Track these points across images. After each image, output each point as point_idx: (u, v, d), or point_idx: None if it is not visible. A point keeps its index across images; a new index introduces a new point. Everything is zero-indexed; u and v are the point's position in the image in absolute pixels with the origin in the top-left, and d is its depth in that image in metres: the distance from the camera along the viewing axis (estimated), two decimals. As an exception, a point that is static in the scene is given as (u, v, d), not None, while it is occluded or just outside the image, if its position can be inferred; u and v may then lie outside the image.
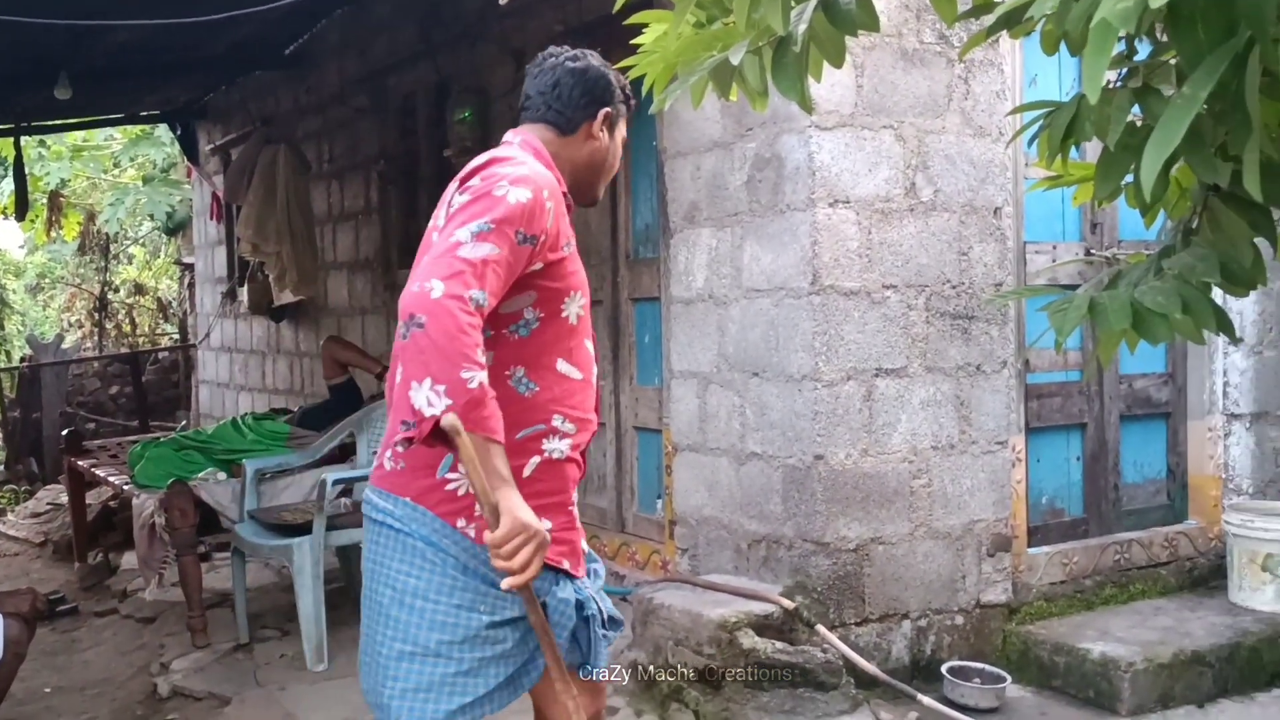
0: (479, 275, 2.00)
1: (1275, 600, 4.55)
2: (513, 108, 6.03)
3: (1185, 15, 1.00)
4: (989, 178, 4.37)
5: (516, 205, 2.10)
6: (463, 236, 2.03)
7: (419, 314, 1.94)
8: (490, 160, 2.23)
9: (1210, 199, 1.70)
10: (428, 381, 1.92)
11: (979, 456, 4.37)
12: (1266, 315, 5.10)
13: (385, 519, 2.23)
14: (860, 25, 1.64)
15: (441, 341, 1.92)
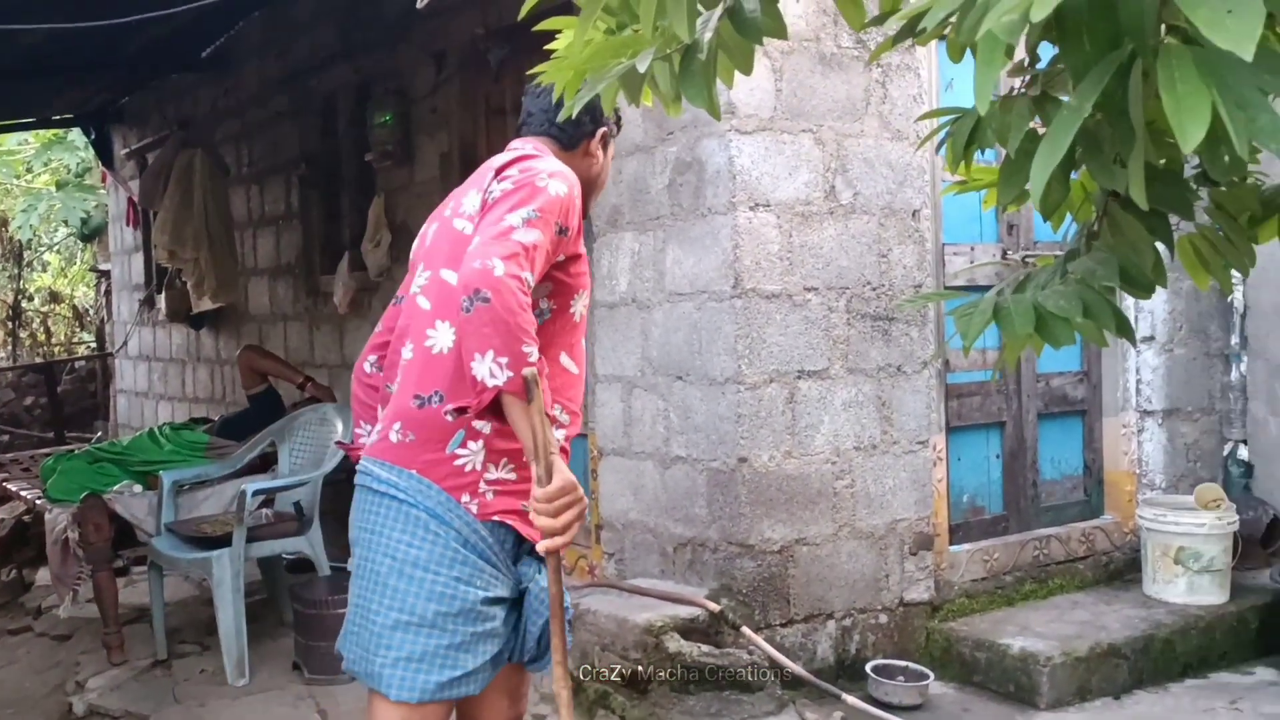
0: (530, 259, 2.11)
1: (1188, 592, 4.66)
2: (435, 111, 6.02)
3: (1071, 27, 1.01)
4: (907, 181, 4.42)
5: (556, 197, 2.22)
6: (515, 221, 2.13)
7: (484, 289, 2.02)
8: (522, 156, 2.34)
9: (1110, 204, 1.74)
10: (490, 354, 2.02)
11: (901, 456, 4.42)
12: (1176, 314, 5.23)
13: (388, 489, 2.27)
14: (767, 32, 1.64)
15: (505, 316, 2.02)
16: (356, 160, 6.68)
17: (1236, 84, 0.88)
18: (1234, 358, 5.35)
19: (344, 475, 5.78)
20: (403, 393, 2.30)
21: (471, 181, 2.42)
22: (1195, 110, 0.86)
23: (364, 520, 2.32)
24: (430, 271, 2.36)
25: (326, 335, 7.11)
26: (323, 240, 7.18)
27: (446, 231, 2.37)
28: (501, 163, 2.34)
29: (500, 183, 2.26)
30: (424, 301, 2.35)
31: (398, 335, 2.40)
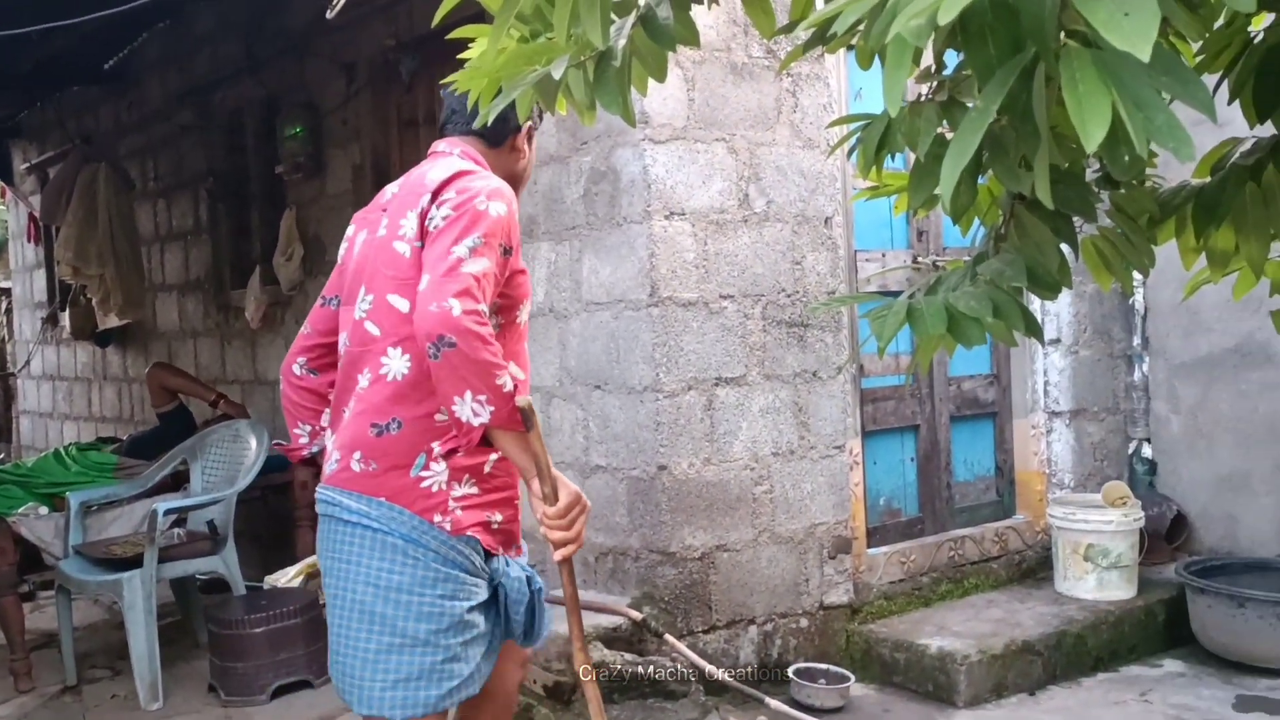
0: (482, 289, 2.17)
1: (1097, 588, 4.77)
2: (346, 123, 5.95)
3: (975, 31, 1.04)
4: (819, 188, 4.48)
5: (498, 219, 2.27)
6: (461, 252, 2.18)
7: (447, 334, 2.09)
8: (456, 174, 2.34)
9: (1017, 207, 1.78)
10: (469, 395, 2.12)
11: (818, 461, 4.47)
12: (1081, 316, 5.36)
13: (360, 519, 2.30)
14: (680, 40, 1.65)
15: (474, 356, 2.10)
16: (266, 173, 6.57)
17: (1134, 85, 0.91)
18: (1136, 358, 5.50)
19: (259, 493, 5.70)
20: (359, 421, 2.32)
21: (405, 196, 2.38)
22: (1096, 110, 0.88)
23: (337, 551, 2.34)
24: (374, 295, 2.35)
25: (238, 351, 6.98)
26: (233, 255, 7.05)
27: (385, 252, 2.35)
28: (437, 181, 2.33)
29: (439, 208, 2.27)
30: (373, 328, 2.34)
31: (350, 361, 2.39)
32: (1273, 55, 1.79)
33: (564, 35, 1.49)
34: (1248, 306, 4.85)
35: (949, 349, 1.83)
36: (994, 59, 1.03)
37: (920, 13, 0.90)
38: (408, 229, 2.32)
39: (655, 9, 1.57)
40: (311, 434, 2.60)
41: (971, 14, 0.91)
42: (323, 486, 2.38)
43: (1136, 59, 0.86)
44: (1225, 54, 1.89)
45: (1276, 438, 5.06)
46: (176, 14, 6.64)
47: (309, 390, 2.57)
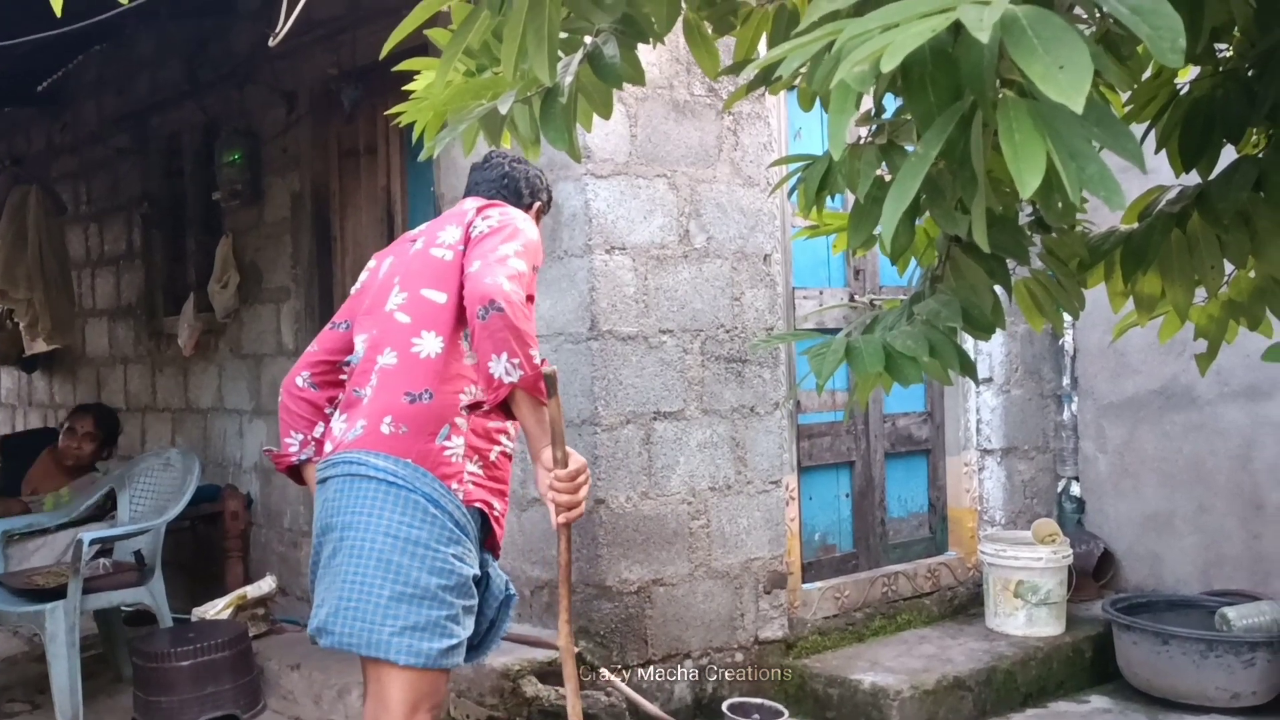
0: (524, 284, 2.48)
1: (1027, 624, 4.84)
2: (286, 150, 5.91)
3: (916, 79, 1.07)
4: (758, 226, 4.53)
5: (533, 240, 2.63)
6: (508, 252, 2.50)
7: (498, 299, 2.37)
8: (494, 203, 2.76)
9: (953, 249, 1.82)
10: (505, 355, 2.36)
11: (755, 496, 4.49)
12: (1013, 356, 5.46)
13: (387, 476, 2.49)
14: (626, 78, 1.68)
15: (517, 324, 2.37)
16: (203, 199, 6.50)
17: (1068, 135, 0.94)
18: (1066, 398, 5.61)
19: (188, 523, 5.60)
20: (390, 391, 2.55)
21: (445, 220, 2.74)
22: (1031, 159, 0.91)
23: (358, 505, 2.51)
24: (408, 292, 2.64)
25: (170, 378, 6.87)
26: (166, 281, 6.95)
27: (423, 258, 2.66)
28: (478, 205, 2.71)
29: (484, 219, 2.62)
30: (403, 316, 2.62)
31: (371, 346, 2.64)
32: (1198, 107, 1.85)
33: (511, 71, 1.51)
34: (1173, 350, 4.97)
35: (886, 387, 1.86)
36: (934, 106, 1.06)
37: (864, 60, 0.92)
38: (448, 238, 2.64)
39: (602, 47, 1.60)
40: (303, 443, 2.81)
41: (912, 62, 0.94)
42: (343, 451, 2.56)
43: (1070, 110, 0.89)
44: (1152, 105, 1.96)
45: (1199, 479, 5.18)
46: (115, 36, 6.57)
47: (308, 402, 2.81)
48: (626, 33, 1.61)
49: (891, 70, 0.95)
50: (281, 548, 5.84)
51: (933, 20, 0.90)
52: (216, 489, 6.00)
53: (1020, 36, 0.89)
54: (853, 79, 0.95)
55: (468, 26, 1.50)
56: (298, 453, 2.82)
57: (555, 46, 1.49)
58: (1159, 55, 0.90)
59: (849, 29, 0.98)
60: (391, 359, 2.59)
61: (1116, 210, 1.00)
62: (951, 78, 1.05)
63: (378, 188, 5.36)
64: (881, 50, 0.90)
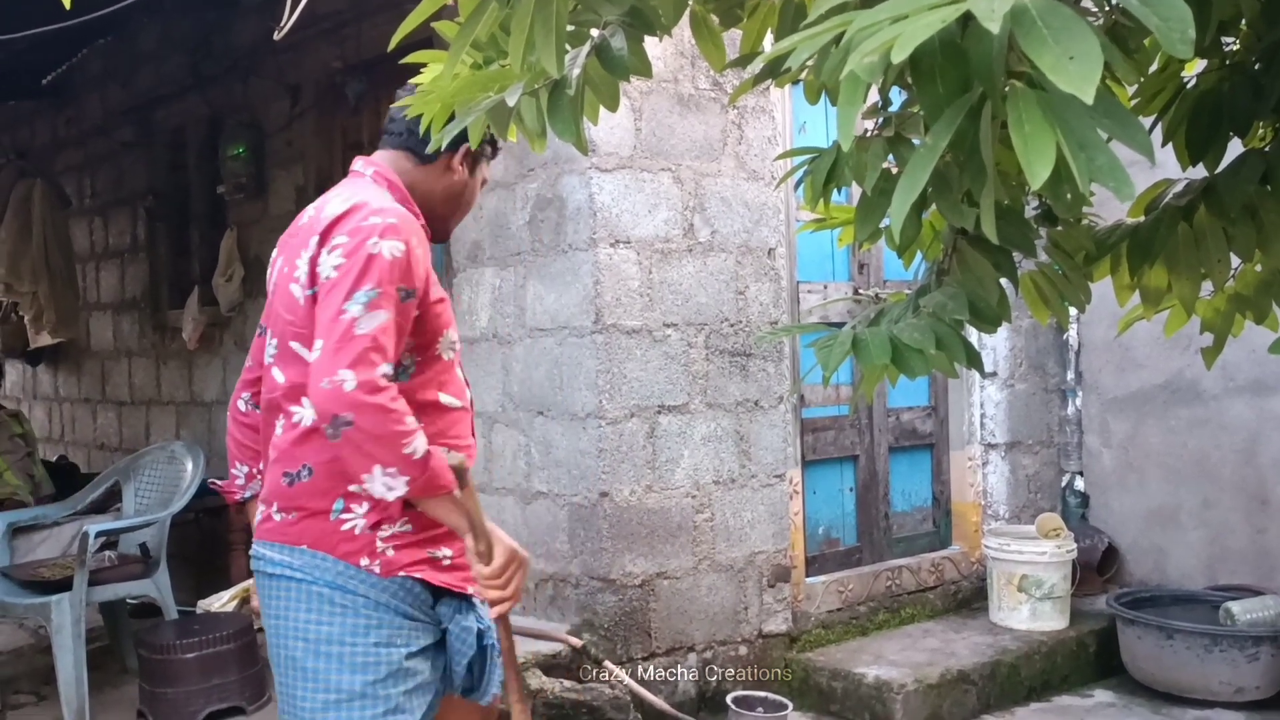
0: (381, 348, 2.03)
1: (1031, 619, 4.84)
2: (290, 144, 5.91)
3: (925, 70, 1.07)
4: (763, 220, 4.53)
5: (393, 262, 2.10)
6: (354, 311, 2.03)
7: (342, 413, 1.98)
8: (350, 209, 2.16)
9: (959, 241, 1.82)
10: (378, 470, 2.01)
11: (758, 490, 4.50)
12: (1017, 350, 5.46)
13: (284, 571, 2.19)
14: (633, 70, 1.68)
15: (375, 431, 1.99)
16: (207, 193, 6.51)
17: (1078, 126, 0.94)
18: (1070, 392, 5.61)
19: (194, 515, 5.61)
20: (274, 471, 2.23)
21: (304, 232, 2.22)
22: (1041, 150, 0.91)
23: (269, 607, 2.23)
24: (278, 340, 2.24)
25: (174, 371, 6.88)
26: (171, 274, 6.96)
27: (284, 294, 2.22)
28: (329, 219, 2.16)
29: (330, 254, 2.11)
30: (278, 374, 2.23)
31: (267, 409, 2.29)
32: (1204, 100, 1.85)
33: (519, 63, 1.51)
34: (1178, 344, 4.97)
35: (892, 380, 1.86)
36: (942, 98, 1.06)
37: (873, 51, 0.92)
38: (301, 273, 2.18)
39: (610, 40, 1.60)
40: (248, 476, 2.45)
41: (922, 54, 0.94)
42: (255, 540, 2.27)
43: (1080, 101, 0.89)
44: (1159, 98, 1.96)
45: (1204, 473, 5.18)
46: (120, 30, 6.57)
47: (251, 428, 2.42)
48: (634, 25, 1.61)
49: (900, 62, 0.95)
50: (286, 541, 5.84)
51: (943, 11, 0.90)
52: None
53: (1030, 27, 0.89)
54: (863, 70, 0.95)
55: (475, 19, 1.50)
56: (243, 488, 2.47)
57: (563, 39, 1.49)
58: (1168, 46, 0.90)
59: (858, 20, 0.98)
60: (279, 429, 2.23)
61: (1126, 201, 1.00)
62: (960, 69, 1.05)
63: (382, 181, 5.35)
64: (892, 42, 0.90)
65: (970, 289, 1.79)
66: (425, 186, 2.36)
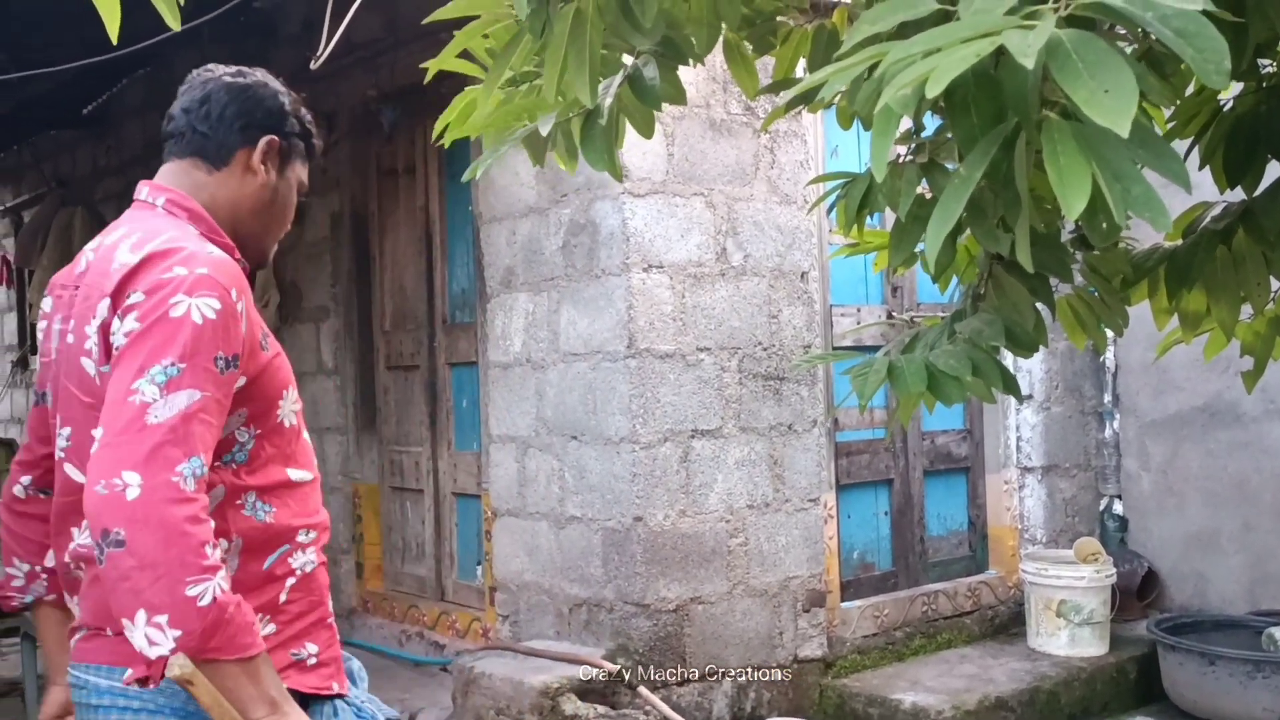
0: (184, 440, 1.56)
1: (1070, 645, 4.78)
2: (325, 171, 5.98)
3: (959, 101, 1.07)
4: (796, 243, 4.53)
5: (206, 325, 1.62)
6: (149, 393, 1.56)
7: (114, 528, 1.50)
8: (147, 259, 1.68)
9: (995, 267, 1.82)
10: (142, 615, 1.50)
11: (793, 514, 4.48)
12: (1053, 373, 5.42)
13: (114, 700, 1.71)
14: (666, 99, 1.69)
15: (153, 557, 1.49)
16: (244, 219, 6.58)
17: (1113, 157, 0.94)
18: (1107, 415, 5.56)
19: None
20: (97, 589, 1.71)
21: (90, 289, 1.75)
22: (1077, 182, 0.91)
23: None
24: (71, 428, 1.77)
25: (211, 397, 6.95)
26: (208, 300, 7.03)
27: (74, 369, 1.75)
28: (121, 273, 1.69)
29: (123, 319, 1.65)
30: (75, 472, 1.76)
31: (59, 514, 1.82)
32: (1242, 123, 1.84)
33: (553, 93, 1.52)
34: (1216, 367, 4.91)
35: (929, 406, 1.86)
36: (977, 128, 1.07)
37: (907, 84, 0.93)
38: (92, 344, 1.72)
39: (642, 69, 1.61)
40: (29, 575, 1.97)
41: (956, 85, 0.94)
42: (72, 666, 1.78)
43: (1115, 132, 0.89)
44: (1195, 121, 1.95)
45: (1245, 497, 5.12)
46: (159, 60, 6.67)
47: (36, 518, 1.94)
48: (666, 54, 1.63)
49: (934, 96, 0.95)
50: (321, 565, 5.88)
51: (977, 45, 0.90)
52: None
53: (1065, 60, 0.90)
54: (896, 103, 0.96)
55: (510, 50, 1.52)
56: (23, 589, 1.98)
57: (596, 70, 1.50)
58: (1204, 78, 0.90)
59: (892, 53, 0.98)
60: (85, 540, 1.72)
61: (1162, 231, 1.00)
62: (994, 100, 1.06)
63: (416, 208, 5.40)
64: (926, 75, 0.90)
65: (1006, 314, 1.79)
66: (227, 199, 1.89)
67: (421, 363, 5.35)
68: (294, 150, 1.98)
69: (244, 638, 1.58)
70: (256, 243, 1.96)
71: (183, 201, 1.85)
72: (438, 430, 5.28)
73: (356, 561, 5.66)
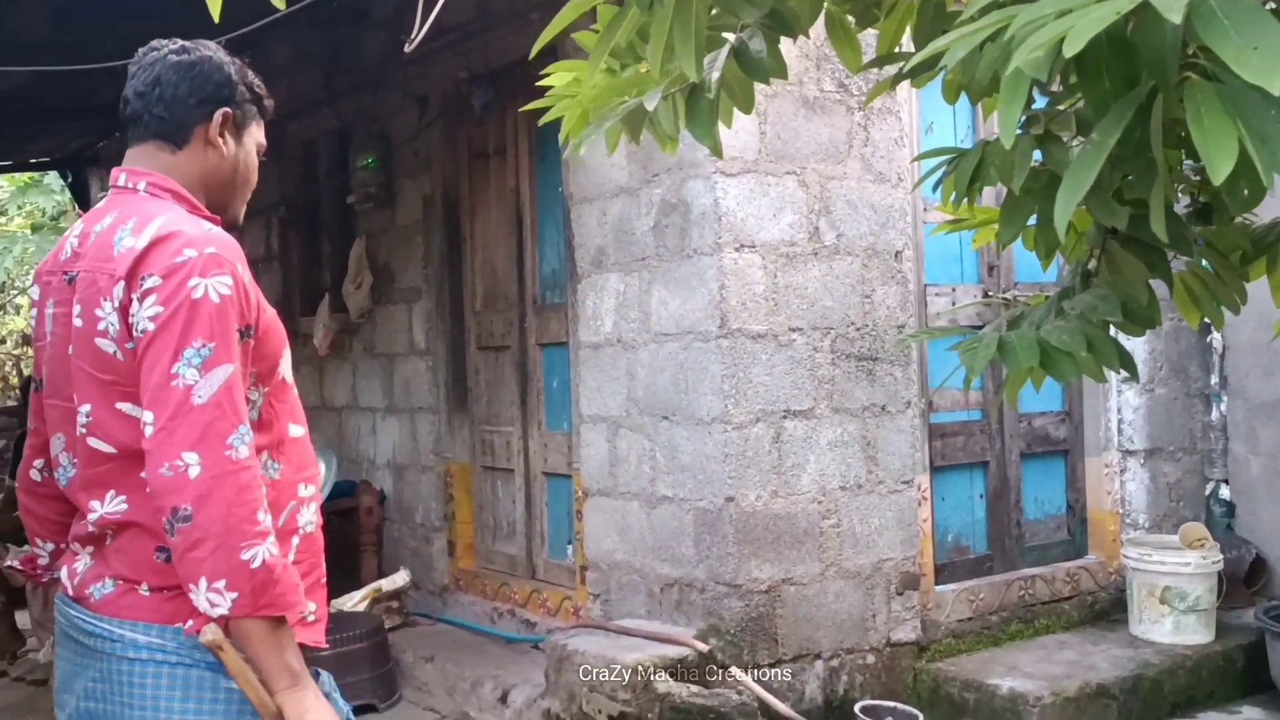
0: (229, 413, 1.71)
1: (1174, 632, 4.66)
2: (417, 153, 6.05)
3: (1091, 65, 1.03)
4: (889, 222, 4.46)
5: (224, 302, 1.76)
6: (188, 375, 1.70)
7: (181, 504, 1.67)
8: (155, 242, 1.78)
9: (1109, 242, 1.76)
10: (204, 581, 1.67)
11: (886, 496, 4.42)
12: (1157, 354, 5.27)
13: (153, 654, 1.82)
14: (770, 73, 1.66)
15: (215, 529, 1.66)
16: (337, 203, 6.68)
17: (1258, 119, 0.90)
18: (1214, 397, 5.40)
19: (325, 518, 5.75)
20: (136, 546, 1.84)
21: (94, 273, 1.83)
22: (1223, 145, 0.87)
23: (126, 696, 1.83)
24: (91, 404, 1.84)
25: (305, 377, 7.07)
26: (303, 282, 7.16)
27: (89, 351, 1.83)
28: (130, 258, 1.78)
29: (143, 303, 1.75)
30: (102, 444, 1.84)
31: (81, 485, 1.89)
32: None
33: (658, 68, 1.51)
34: (1330, 345, 4.74)
35: (1037, 384, 1.81)
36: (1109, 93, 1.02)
37: (1039, 46, 0.89)
38: (109, 325, 1.80)
39: (748, 42, 1.59)
40: (54, 554, 2.09)
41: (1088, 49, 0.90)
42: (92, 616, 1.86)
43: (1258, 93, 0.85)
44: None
45: (1359, 480, 4.93)
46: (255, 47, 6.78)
47: (53, 498, 2.04)
48: (772, 27, 1.60)
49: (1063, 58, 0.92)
50: (414, 543, 5.96)
51: (1116, 3, 0.86)
52: (352, 484, 6.16)
53: (1210, 18, 0.86)
54: (1028, 65, 0.92)
55: (616, 25, 1.51)
56: (49, 567, 2.11)
57: (702, 43, 1.48)
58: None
59: (1022, 15, 0.95)
60: (120, 505, 1.84)
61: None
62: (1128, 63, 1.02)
63: (506, 188, 5.43)
64: (1060, 35, 0.87)
65: (1120, 290, 1.73)
66: (195, 175, 1.97)
67: (512, 343, 5.39)
68: (248, 116, 2.04)
69: (291, 596, 1.74)
70: (227, 210, 2.05)
71: (163, 183, 1.92)
72: (528, 410, 5.31)
73: (449, 540, 5.73)
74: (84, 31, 5.32)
